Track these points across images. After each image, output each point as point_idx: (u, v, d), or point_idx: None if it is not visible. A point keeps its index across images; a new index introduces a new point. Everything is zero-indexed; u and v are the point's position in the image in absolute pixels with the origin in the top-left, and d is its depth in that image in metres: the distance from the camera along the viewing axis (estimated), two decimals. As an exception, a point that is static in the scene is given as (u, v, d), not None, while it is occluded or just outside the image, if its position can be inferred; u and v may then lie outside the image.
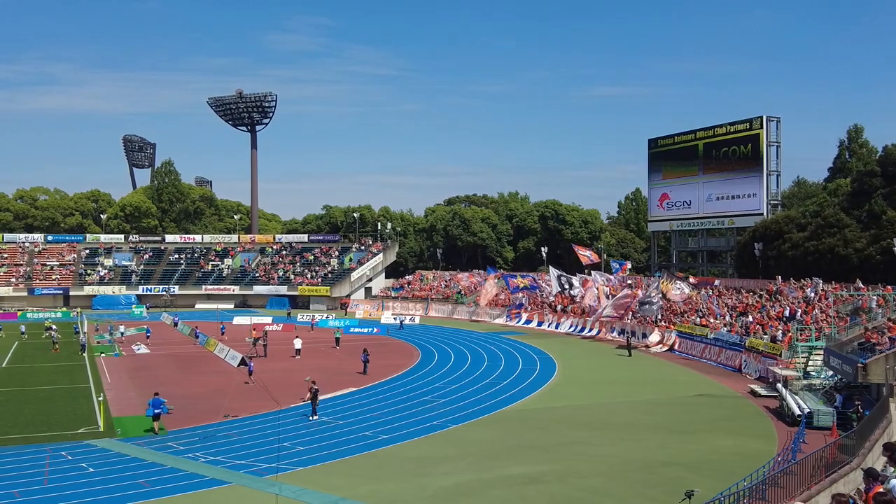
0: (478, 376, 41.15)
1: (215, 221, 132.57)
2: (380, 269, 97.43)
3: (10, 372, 44.40)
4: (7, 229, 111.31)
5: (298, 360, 48.31)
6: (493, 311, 74.43)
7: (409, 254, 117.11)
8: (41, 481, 22.35)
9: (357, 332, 62.42)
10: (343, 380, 39.92)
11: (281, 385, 38.21)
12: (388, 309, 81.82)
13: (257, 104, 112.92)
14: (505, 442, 27.13)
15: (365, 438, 27.28)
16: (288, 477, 22.41)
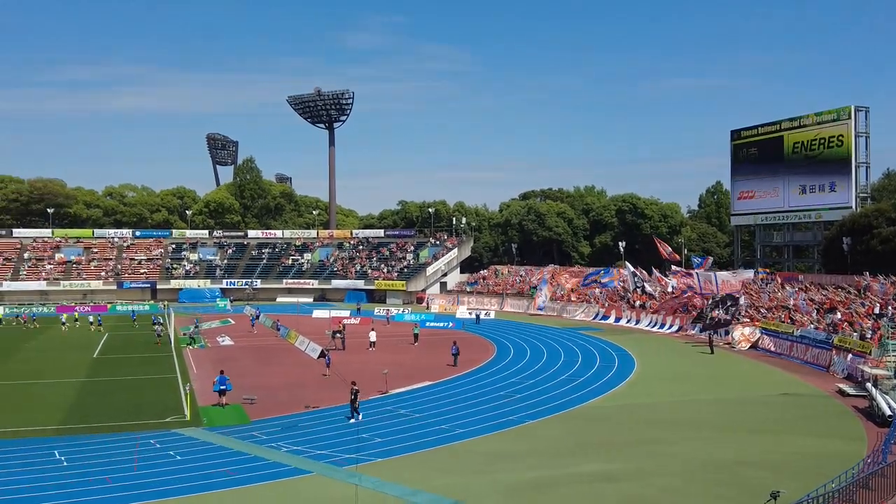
0: (554, 372, 40.93)
1: (295, 217, 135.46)
2: (455, 264, 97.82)
3: (101, 362, 46.40)
4: (97, 225, 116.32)
5: (374, 353, 48.97)
6: (569, 307, 73.81)
7: (484, 249, 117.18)
8: (131, 468, 23.28)
9: (433, 327, 62.81)
10: (419, 374, 40.30)
11: (358, 377, 38.65)
12: (463, 303, 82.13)
13: (335, 101, 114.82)
14: (580, 439, 26.94)
15: (441, 432, 27.51)
16: (367, 468, 22.79)
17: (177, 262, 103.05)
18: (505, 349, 50.34)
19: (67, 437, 27.28)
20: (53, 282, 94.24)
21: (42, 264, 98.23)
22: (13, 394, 35.78)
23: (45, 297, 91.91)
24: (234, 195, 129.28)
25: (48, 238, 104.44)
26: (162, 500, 20.33)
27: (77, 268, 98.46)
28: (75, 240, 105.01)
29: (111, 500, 20.22)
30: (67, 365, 44.69)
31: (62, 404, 33.12)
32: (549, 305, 75.83)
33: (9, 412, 31.60)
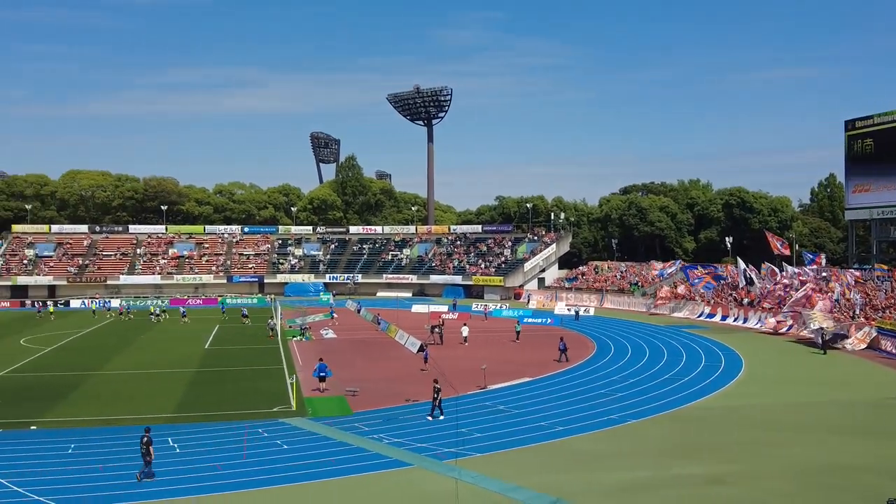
0: (656, 371, 39.99)
1: (394, 213, 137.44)
2: (553, 260, 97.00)
3: (212, 353, 48.34)
4: (208, 222, 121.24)
5: (472, 348, 49.08)
6: (672, 304, 72.02)
7: (583, 244, 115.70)
8: (240, 456, 24.14)
9: (531, 323, 62.46)
10: (518, 370, 40.17)
11: (456, 372, 39.05)
12: (562, 300, 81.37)
13: (433, 98, 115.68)
14: (684, 440, 26.24)
15: (541, 429, 27.32)
16: (467, 462, 22.90)
17: (283, 258, 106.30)
18: (605, 347, 49.58)
19: (180, 424, 28.54)
20: (167, 276, 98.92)
21: (156, 259, 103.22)
22: (130, 383, 37.72)
23: (158, 290, 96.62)
24: (337, 192, 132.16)
25: (162, 234, 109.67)
26: (270, 488, 21.01)
27: (189, 262, 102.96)
28: (187, 236, 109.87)
29: (222, 487, 21.02)
30: (180, 356, 46.80)
31: (176, 393, 34.70)
32: (654, 303, 74.16)
33: (126, 400, 33.34)
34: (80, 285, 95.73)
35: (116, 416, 29.97)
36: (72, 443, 25.53)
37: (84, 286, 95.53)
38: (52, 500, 19.81)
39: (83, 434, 26.95)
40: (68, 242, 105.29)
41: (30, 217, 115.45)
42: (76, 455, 24.23)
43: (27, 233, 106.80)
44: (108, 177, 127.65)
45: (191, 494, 20.41)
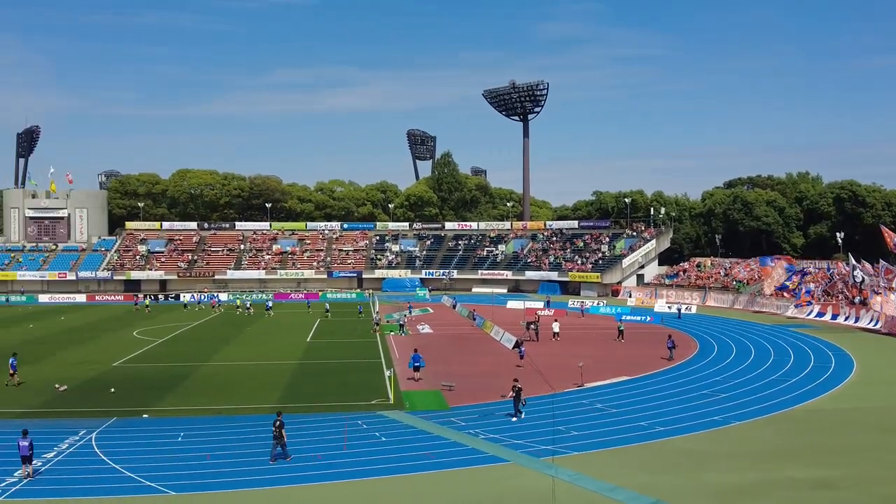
0: (762, 371, 38.51)
1: (489, 209, 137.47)
2: (652, 256, 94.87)
3: (313, 346, 49.55)
4: (310, 218, 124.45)
5: (568, 345, 48.52)
6: (779, 302, 69.24)
7: (685, 240, 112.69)
8: (340, 447, 24.66)
9: (629, 321, 61.21)
10: (616, 368, 39.51)
11: (552, 369, 38.71)
12: (662, 297, 79.49)
13: (529, 93, 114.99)
14: (792, 442, 25.17)
15: (641, 428, 26.74)
16: (563, 460, 22.65)
17: (380, 253, 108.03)
18: (708, 346, 48.11)
19: (285, 415, 29.32)
20: (271, 271, 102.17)
21: (261, 255, 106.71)
22: (236, 374, 39.09)
23: (263, 285, 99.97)
24: (433, 189, 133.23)
25: (266, 231, 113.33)
26: (368, 479, 21.37)
27: (292, 258, 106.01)
28: (290, 232, 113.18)
29: (322, 477, 21.52)
30: (284, 348, 48.19)
31: (279, 384, 35.75)
32: (760, 301, 71.55)
33: (232, 391, 34.57)
34: (190, 280, 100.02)
35: (223, 406, 31.10)
36: (181, 431, 26.65)
37: (193, 281, 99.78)
38: (162, 486, 20.72)
39: (192, 423, 28.10)
40: (178, 239, 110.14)
41: (142, 214, 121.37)
42: (185, 443, 25.27)
43: (140, 230, 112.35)
44: (216, 175, 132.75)
45: (293, 484, 20.97)
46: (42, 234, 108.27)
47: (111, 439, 25.56)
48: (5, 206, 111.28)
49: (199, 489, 20.57)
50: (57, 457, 23.36)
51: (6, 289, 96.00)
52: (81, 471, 22.05)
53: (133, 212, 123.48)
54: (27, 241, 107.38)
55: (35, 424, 25.25)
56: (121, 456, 23.44)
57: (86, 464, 22.75)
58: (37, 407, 31.04)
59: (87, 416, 29.11)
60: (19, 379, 35.71)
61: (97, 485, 20.84)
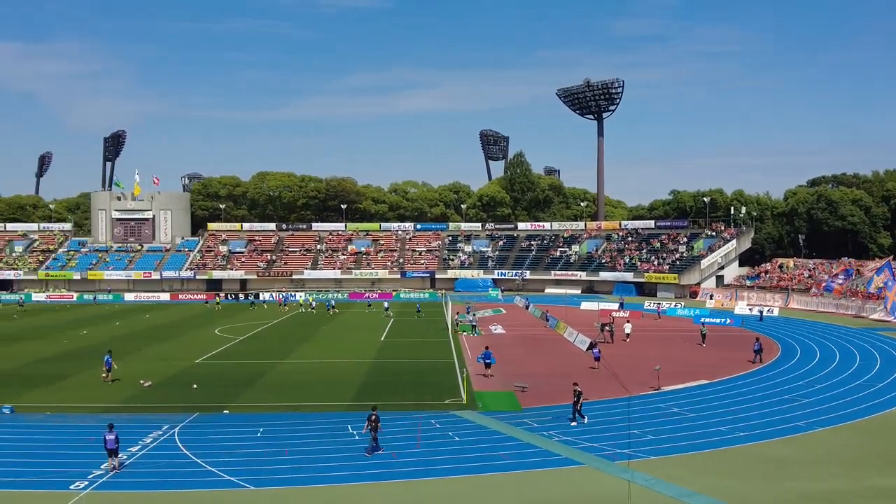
0: (847, 376, 37.06)
1: (563, 209, 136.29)
2: (732, 257, 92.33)
3: (387, 345, 50.02)
4: (384, 219, 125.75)
5: (644, 348, 47.68)
6: (867, 305, 66.44)
7: (766, 240, 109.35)
8: (414, 445, 24.83)
9: (708, 323, 59.64)
10: (694, 371, 38.63)
11: (627, 372, 38.11)
12: (742, 299, 77.34)
13: (604, 91, 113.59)
14: (879, 450, 24.13)
15: (720, 434, 26.08)
16: (639, 465, 22.28)
17: (453, 254, 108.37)
18: (791, 349, 46.55)
19: (358, 413, 29.70)
20: (346, 271, 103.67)
21: (336, 255, 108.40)
22: (312, 372, 39.77)
23: (338, 284, 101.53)
24: (505, 189, 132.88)
25: (342, 231, 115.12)
26: (442, 478, 21.45)
27: (366, 258, 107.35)
28: (365, 233, 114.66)
29: (397, 475, 21.71)
30: (358, 347, 48.81)
31: (354, 383, 36.21)
32: (843, 303, 68.91)
33: (308, 388, 35.18)
34: (268, 279, 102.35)
35: (300, 403, 31.68)
36: (260, 427, 27.26)
37: (271, 280, 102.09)
38: (242, 480, 21.24)
39: (270, 419, 28.72)
40: (258, 239, 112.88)
41: (223, 216, 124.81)
42: (264, 438, 25.83)
43: (221, 230, 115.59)
44: (294, 177, 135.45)
45: (368, 481, 21.22)
46: (128, 235, 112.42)
47: (193, 434, 26.34)
48: (93, 208, 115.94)
49: (277, 484, 21.01)
50: (141, 450, 24.19)
51: (94, 288, 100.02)
52: (165, 464, 22.79)
53: (215, 213, 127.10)
54: (114, 242, 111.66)
55: (121, 419, 26.25)
56: (202, 450, 24.13)
57: (169, 458, 23.49)
58: (122, 402, 32.23)
59: (170, 412, 30.08)
60: (113, 376, 37.06)
61: (179, 478, 21.51)
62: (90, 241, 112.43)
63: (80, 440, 25.39)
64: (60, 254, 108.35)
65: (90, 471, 21.97)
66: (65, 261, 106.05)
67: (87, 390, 34.67)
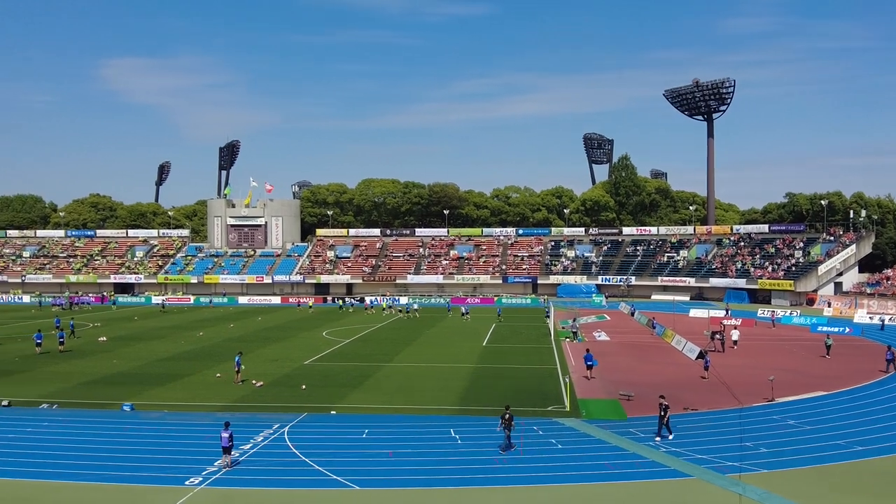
0: (984, 390, 34.57)
1: (670, 213, 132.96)
2: (852, 263, 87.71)
3: (489, 351, 50.05)
4: (486, 224, 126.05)
5: (757, 357, 45.88)
6: None
7: (888, 245, 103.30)
8: (517, 451, 24.72)
9: (826, 332, 56.93)
10: (810, 382, 36.91)
11: (739, 382, 36.81)
12: (863, 307, 73.33)
13: (714, 92, 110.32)
14: None
15: (837, 447, 24.83)
16: (751, 478, 21.48)
17: (555, 259, 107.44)
18: (917, 360, 43.77)
19: (461, 417, 29.91)
20: (448, 276, 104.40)
21: (439, 260, 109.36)
22: (416, 375, 40.25)
23: (440, 289, 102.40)
24: (610, 193, 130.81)
25: (444, 236, 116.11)
26: (545, 486, 21.29)
27: (468, 263, 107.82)
28: (467, 238, 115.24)
29: (500, 481, 21.69)
30: (461, 352, 49.06)
31: (457, 387, 36.41)
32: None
33: (412, 391, 35.61)
34: (373, 284, 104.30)
35: (404, 406, 32.12)
36: (366, 428, 27.79)
37: (376, 284, 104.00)
38: (348, 480, 21.71)
39: (375, 420, 29.24)
40: (363, 245, 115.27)
41: (331, 222, 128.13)
42: (369, 439, 26.32)
43: (329, 236, 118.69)
44: (398, 184, 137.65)
45: (470, 485, 21.29)
46: (242, 241, 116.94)
47: (302, 433, 27.11)
48: (209, 214, 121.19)
49: (382, 485, 21.36)
50: (253, 448, 25.08)
51: (210, 291, 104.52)
52: (275, 462, 23.55)
53: (323, 219, 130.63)
54: (228, 248, 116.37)
55: (234, 417, 27.31)
56: (310, 449, 24.80)
57: (279, 456, 24.26)
58: (236, 401, 33.51)
59: (280, 411, 31.07)
60: (242, 377, 38.23)
61: (289, 476, 22.18)
62: (206, 247, 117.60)
63: (196, 437, 26.56)
64: (178, 259, 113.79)
65: (204, 467, 22.93)
66: (182, 265, 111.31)
67: (203, 389, 36.24)
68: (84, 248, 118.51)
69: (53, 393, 35.11)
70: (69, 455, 24.26)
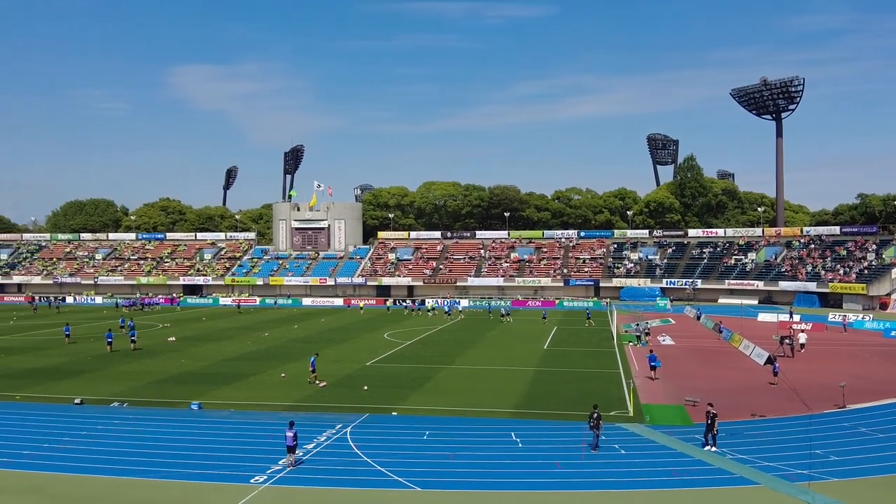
0: None
1: (738, 214, 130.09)
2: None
3: (550, 354, 49.72)
4: (546, 227, 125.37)
5: (829, 363, 44.50)
6: None
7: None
8: (578, 456, 24.48)
9: (900, 337, 55.06)
10: (885, 389, 35.60)
11: (808, 387, 35.78)
12: (943, 311, 70.45)
13: (782, 90, 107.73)
14: None
15: (913, 457, 23.91)
16: (821, 486, 20.83)
17: (618, 262, 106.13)
18: None
19: (522, 420, 29.78)
20: (509, 278, 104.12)
21: (499, 262, 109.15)
22: (476, 377, 40.24)
23: (501, 292, 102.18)
24: (675, 194, 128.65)
25: (504, 239, 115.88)
26: (607, 491, 21.03)
27: (529, 266, 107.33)
28: (527, 240, 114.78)
29: (560, 485, 21.52)
30: (521, 355, 48.86)
31: (517, 390, 36.27)
32: None
33: (473, 393, 35.62)
34: (434, 286, 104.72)
35: (464, 408, 32.15)
36: (426, 429, 27.91)
37: (437, 287, 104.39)
38: (409, 481, 21.84)
39: (436, 422, 29.33)
40: (424, 247, 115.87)
41: (392, 224, 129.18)
42: (430, 441, 26.43)
43: (390, 238, 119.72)
44: (458, 187, 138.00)
45: (530, 489, 21.19)
46: (305, 244, 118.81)
47: (364, 434, 27.37)
48: (274, 218, 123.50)
49: (442, 487, 21.41)
50: (316, 448, 25.43)
51: (275, 293, 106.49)
52: (338, 462, 23.83)
53: (384, 222, 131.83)
54: (293, 250, 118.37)
55: (297, 417, 27.67)
56: (372, 450, 25.02)
57: (341, 456, 24.54)
58: (299, 401, 34.03)
59: (343, 411, 31.45)
60: (315, 376, 38.58)
61: (351, 476, 22.41)
62: (272, 249, 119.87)
63: (261, 436, 27.07)
64: (245, 261, 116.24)
65: (269, 466, 23.34)
66: (249, 267, 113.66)
67: (268, 389, 36.91)
68: (154, 251, 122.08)
69: (124, 391, 36.25)
70: (139, 452, 24.99)
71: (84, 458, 24.41)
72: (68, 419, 30.02)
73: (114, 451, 25.11)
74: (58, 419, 30.02)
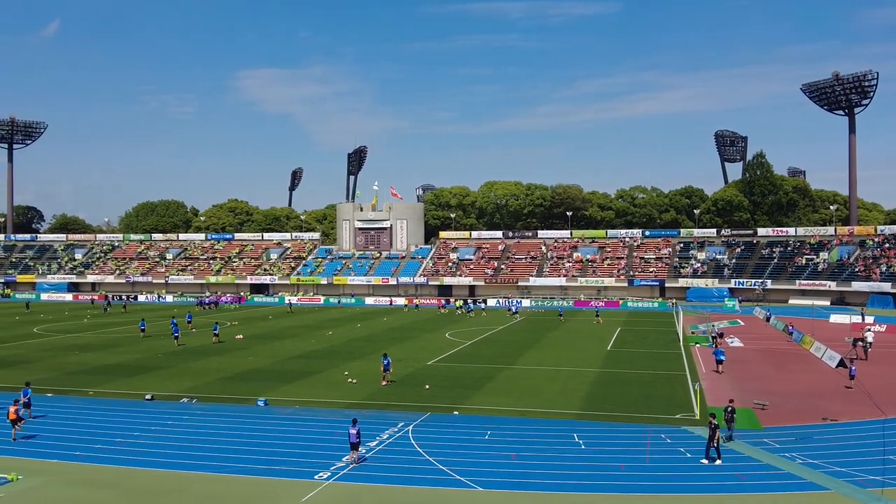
0: None
1: (809, 213, 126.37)
2: None
3: (614, 355, 49.14)
4: (610, 226, 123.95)
5: (908, 366, 42.95)
6: None
7: None
8: (643, 459, 24.15)
9: None
10: (967, 394, 34.17)
11: (884, 391, 34.56)
12: None
13: (855, 85, 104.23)
14: None
15: None
16: (894, 493, 20.12)
17: (684, 261, 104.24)
18: None
19: (585, 422, 29.51)
20: (571, 278, 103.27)
21: (562, 262, 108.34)
22: (539, 378, 40.02)
23: (564, 292, 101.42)
24: (743, 192, 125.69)
25: (567, 238, 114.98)
26: (672, 495, 20.72)
27: (592, 266, 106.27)
28: (590, 240, 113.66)
29: (624, 488, 21.28)
30: (584, 355, 48.42)
31: (580, 392, 35.95)
32: None
33: (535, 394, 35.42)
34: (495, 286, 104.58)
35: (526, 409, 32.04)
36: (488, 429, 27.92)
37: (498, 287, 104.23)
38: (471, 480, 21.89)
39: (498, 422, 29.31)
40: (485, 247, 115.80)
41: (454, 224, 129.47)
42: (492, 441, 26.42)
43: (452, 238, 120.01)
44: (520, 186, 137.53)
45: (594, 492, 21.01)
46: (368, 244, 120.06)
47: (426, 433, 27.54)
48: (338, 218, 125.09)
49: (504, 487, 21.41)
50: (379, 445, 25.70)
51: (338, 292, 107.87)
52: (400, 460, 24.04)
53: (446, 222, 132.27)
54: (356, 250, 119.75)
55: (361, 415, 28.04)
56: (434, 449, 25.17)
57: (404, 454, 24.75)
58: (363, 399, 34.41)
59: (405, 410, 31.68)
60: (389, 377, 38.74)
61: (413, 474, 22.59)
62: (336, 249, 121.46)
63: (325, 433, 27.48)
64: (310, 261, 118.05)
65: (333, 462, 23.69)
66: (313, 267, 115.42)
67: (332, 387, 37.42)
68: (223, 251, 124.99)
69: (193, 388, 37.22)
70: (207, 447, 25.66)
71: (155, 452, 25.16)
72: (139, 414, 31.00)
73: (183, 447, 25.82)
74: (129, 414, 31.02)
